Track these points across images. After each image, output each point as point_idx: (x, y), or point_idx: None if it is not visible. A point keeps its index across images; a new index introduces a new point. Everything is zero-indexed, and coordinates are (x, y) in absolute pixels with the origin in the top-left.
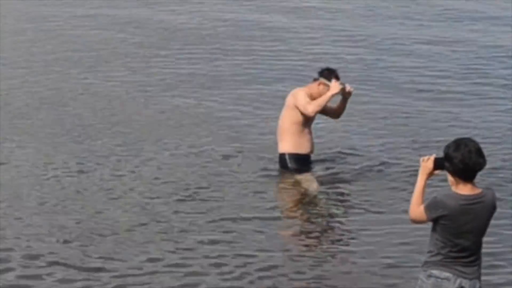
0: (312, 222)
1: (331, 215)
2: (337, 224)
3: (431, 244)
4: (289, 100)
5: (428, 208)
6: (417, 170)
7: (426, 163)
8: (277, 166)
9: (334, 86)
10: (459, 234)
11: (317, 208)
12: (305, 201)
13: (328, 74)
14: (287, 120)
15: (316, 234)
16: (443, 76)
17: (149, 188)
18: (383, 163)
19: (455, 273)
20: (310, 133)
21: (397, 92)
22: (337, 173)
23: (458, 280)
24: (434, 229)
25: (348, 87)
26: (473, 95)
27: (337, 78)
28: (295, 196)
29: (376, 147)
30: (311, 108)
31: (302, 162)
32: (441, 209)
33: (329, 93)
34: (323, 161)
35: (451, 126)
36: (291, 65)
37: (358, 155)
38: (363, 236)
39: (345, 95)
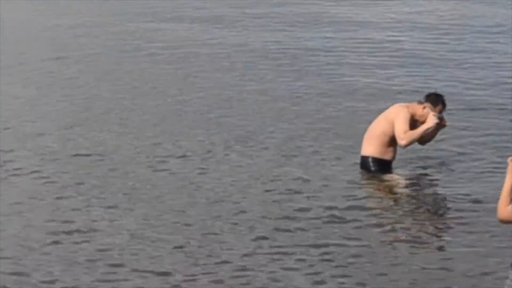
0: (400, 219)
1: (420, 212)
2: (427, 221)
3: None
4: (390, 113)
5: None
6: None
7: None
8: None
9: (431, 120)
10: None
11: (405, 204)
12: (394, 198)
13: (435, 100)
14: (379, 129)
15: (404, 229)
16: None
17: (238, 181)
18: (467, 166)
19: None
20: (396, 143)
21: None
22: (423, 174)
23: None
24: None
25: (444, 121)
26: None
27: (444, 104)
28: (382, 193)
29: (457, 150)
30: (404, 141)
31: (385, 167)
32: None
33: (424, 127)
34: (406, 164)
35: None
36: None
37: (444, 155)
38: (452, 233)
39: (439, 127)
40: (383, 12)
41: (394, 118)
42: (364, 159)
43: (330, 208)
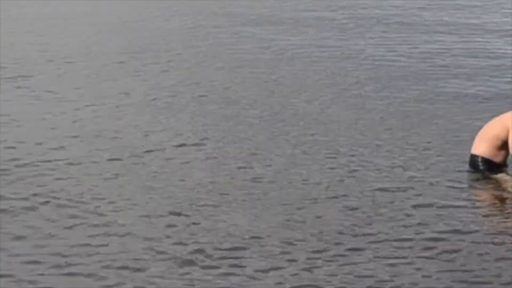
0: (506, 216)
1: None
2: None
3: None
4: (507, 118)
5: None
6: None
7: None
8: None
9: None
10: None
11: None
12: (502, 196)
13: None
14: (493, 131)
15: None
16: None
17: (349, 179)
18: None
19: None
20: (508, 147)
21: None
22: None
23: None
24: None
25: None
26: None
27: None
28: (491, 192)
29: None
30: None
31: (494, 168)
32: None
33: None
34: None
35: None
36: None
37: None
38: None
39: None
40: (499, 17)
41: (510, 126)
42: (474, 158)
43: (436, 204)
